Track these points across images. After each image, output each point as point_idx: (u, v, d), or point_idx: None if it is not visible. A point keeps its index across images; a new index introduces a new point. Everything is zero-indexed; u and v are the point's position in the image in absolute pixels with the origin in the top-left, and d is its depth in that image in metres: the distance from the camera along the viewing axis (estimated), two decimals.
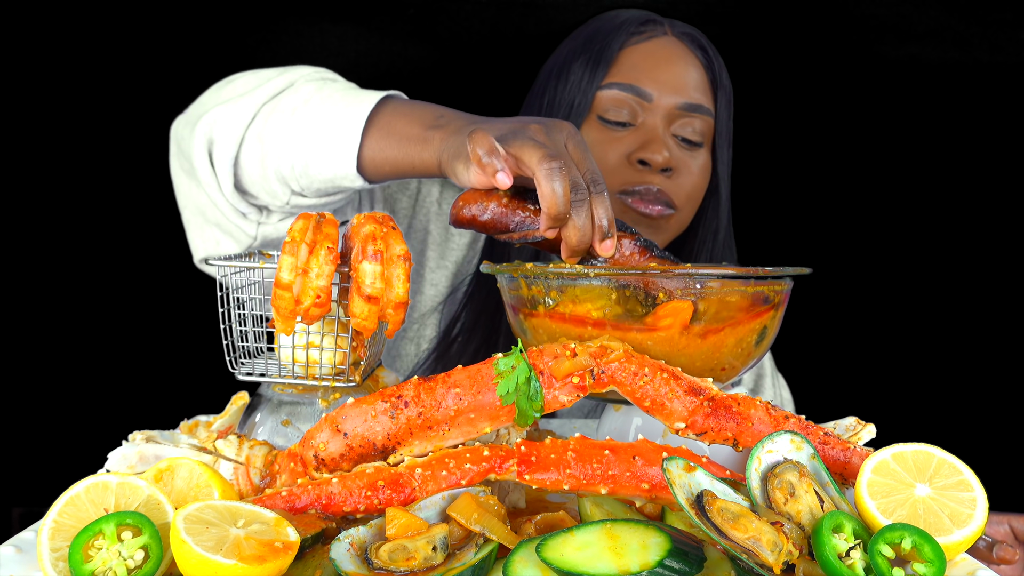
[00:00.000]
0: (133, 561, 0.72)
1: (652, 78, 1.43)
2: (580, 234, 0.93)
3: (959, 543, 0.76)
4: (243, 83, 1.26)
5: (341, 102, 1.15)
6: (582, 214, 0.92)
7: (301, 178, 1.17)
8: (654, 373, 0.87)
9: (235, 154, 1.20)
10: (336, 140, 1.12)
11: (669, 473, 0.75)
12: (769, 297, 0.97)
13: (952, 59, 2.62)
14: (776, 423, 0.86)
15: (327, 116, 1.14)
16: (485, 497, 0.81)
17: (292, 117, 1.16)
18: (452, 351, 1.47)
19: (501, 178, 0.92)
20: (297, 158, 1.15)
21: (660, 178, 1.41)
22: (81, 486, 0.78)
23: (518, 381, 0.86)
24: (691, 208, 1.48)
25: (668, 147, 1.41)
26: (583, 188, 0.92)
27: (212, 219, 1.28)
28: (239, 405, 1.04)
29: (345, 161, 1.13)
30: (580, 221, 0.92)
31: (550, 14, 2.40)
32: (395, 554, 0.74)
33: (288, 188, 1.20)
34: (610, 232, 0.94)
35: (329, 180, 1.16)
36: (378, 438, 0.87)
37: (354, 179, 1.14)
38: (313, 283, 0.90)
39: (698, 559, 0.71)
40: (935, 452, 0.80)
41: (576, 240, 0.93)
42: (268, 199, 1.23)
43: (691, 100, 1.44)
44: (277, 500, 0.83)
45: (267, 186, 1.21)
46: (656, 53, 1.45)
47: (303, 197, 1.21)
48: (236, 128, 1.19)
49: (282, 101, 1.19)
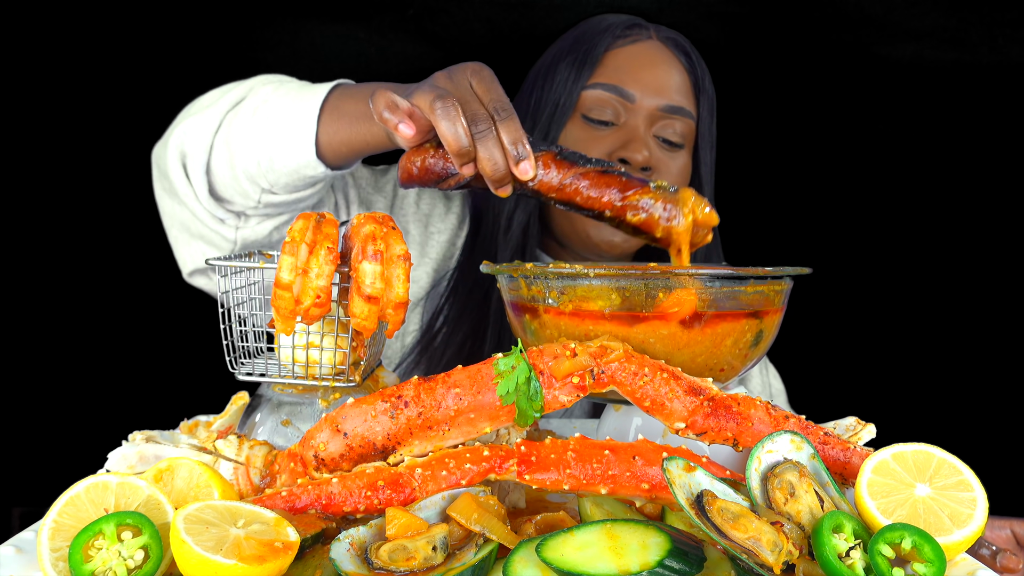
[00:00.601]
0: (133, 561, 0.72)
1: (635, 79, 1.47)
2: (492, 164, 0.95)
3: (959, 543, 0.76)
4: (208, 97, 1.32)
5: (297, 95, 1.21)
6: (488, 144, 0.94)
7: (268, 173, 1.22)
8: (654, 373, 0.87)
9: (206, 161, 1.27)
10: (294, 129, 1.18)
11: (669, 473, 0.75)
12: (768, 295, 0.97)
13: (952, 59, 2.62)
14: (776, 423, 0.86)
15: (285, 109, 1.20)
16: (485, 497, 0.81)
17: (253, 117, 1.22)
18: (436, 343, 1.50)
19: (403, 128, 0.96)
20: (262, 154, 1.21)
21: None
22: (81, 486, 0.78)
23: (518, 381, 0.86)
24: None
25: (648, 147, 1.45)
26: (484, 118, 0.94)
27: (196, 232, 1.34)
28: (239, 405, 1.04)
29: (305, 148, 1.18)
30: (487, 152, 0.94)
31: (550, 14, 2.40)
32: (395, 554, 0.74)
33: (258, 186, 1.25)
34: (522, 154, 0.95)
35: (294, 171, 1.21)
36: (378, 438, 0.87)
37: (316, 165, 1.20)
38: (313, 283, 0.90)
39: (698, 559, 0.71)
40: (935, 452, 0.80)
41: (490, 170, 0.95)
42: (241, 201, 1.28)
43: (672, 102, 1.48)
44: (277, 500, 0.83)
45: (238, 187, 1.26)
46: (640, 56, 1.49)
47: (273, 194, 1.26)
48: (204, 136, 1.26)
49: (244, 105, 1.25)
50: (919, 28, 2.59)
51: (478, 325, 1.49)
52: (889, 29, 2.61)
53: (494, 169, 0.95)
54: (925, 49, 2.61)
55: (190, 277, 1.42)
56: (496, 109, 0.96)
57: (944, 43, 2.60)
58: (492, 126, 0.95)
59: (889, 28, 2.60)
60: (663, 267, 0.96)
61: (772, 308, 0.98)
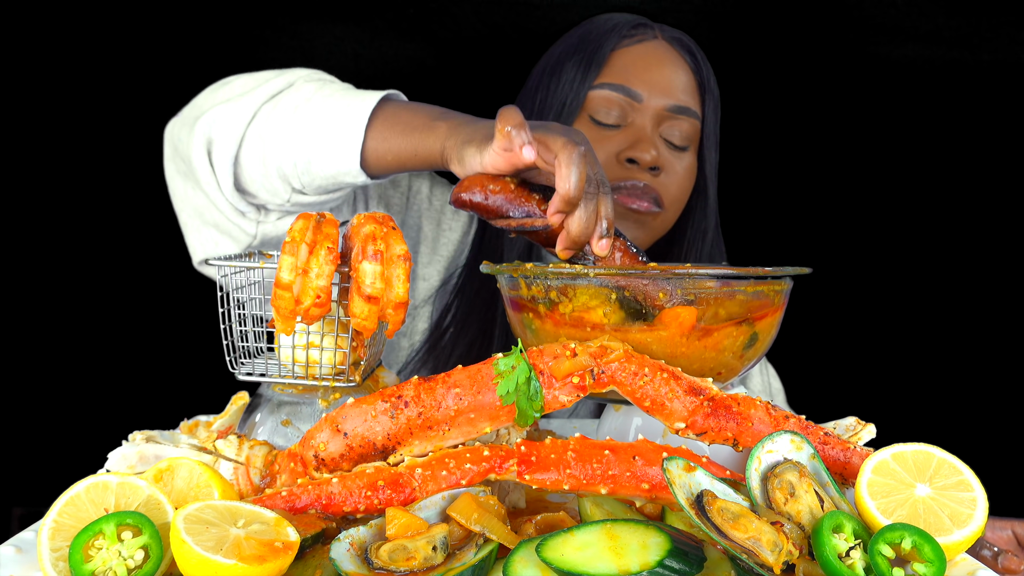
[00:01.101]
0: (133, 561, 0.72)
1: (642, 80, 1.46)
2: (583, 225, 0.95)
3: (959, 543, 0.76)
4: (241, 84, 1.26)
5: (343, 100, 1.16)
6: (590, 207, 0.95)
7: (303, 175, 1.18)
8: (654, 373, 0.87)
9: (235, 153, 1.21)
10: (340, 135, 1.14)
11: (669, 473, 0.75)
12: (767, 295, 0.97)
13: (952, 59, 2.62)
14: (776, 423, 0.86)
15: (330, 112, 1.16)
16: (485, 497, 0.81)
17: (294, 115, 1.18)
18: (444, 341, 1.49)
19: (527, 151, 0.94)
20: (300, 155, 1.17)
21: (648, 176, 1.45)
22: (81, 486, 0.78)
23: (518, 381, 0.86)
24: (676, 209, 1.51)
25: (656, 147, 1.45)
26: (597, 184, 0.95)
27: (210, 220, 1.29)
28: (239, 405, 1.04)
29: (349, 156, 1.14)
30: (586, 213, 0.94)
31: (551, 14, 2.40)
32: (395, 554, 0.74)
33: (289, 186, 1.21)
34: (608, 232, 0.96)
35: (332, 176, 1.17)
36: (378, 438, 0.87)
37: (357, 174, 1.16)
38: (313, 283, 0.90)
39: (698, 559, 0.71)
40: (935, 452, 0.80)
41: (578, 231, 0.95)
42: (268, 197, 1.24)
43: (679, 102, 1.47)
44: (277, 500, 0.83)
45: (268, 184, 1.22)
46: (646, 56, 1.49)
47: (303, 195, 1.22)
48: (236, 127, 1.20)
49: (283, 100, 1.20)
50: (919, 28, 2.59)
51: (486, 325, 1.48)
52: (889, 29, 2.61)
53: (582, 232, 0.95)
54: (925, 49, 2.61)
55: (199, 265, 1.37)
56: (603, 181, 0.96)
57: (944, 43, 2.60)
58: (598, 193, 0.96)
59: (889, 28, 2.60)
60: (663, 267, 0.96)
61: (771, 308, 0.98)
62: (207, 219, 1.30)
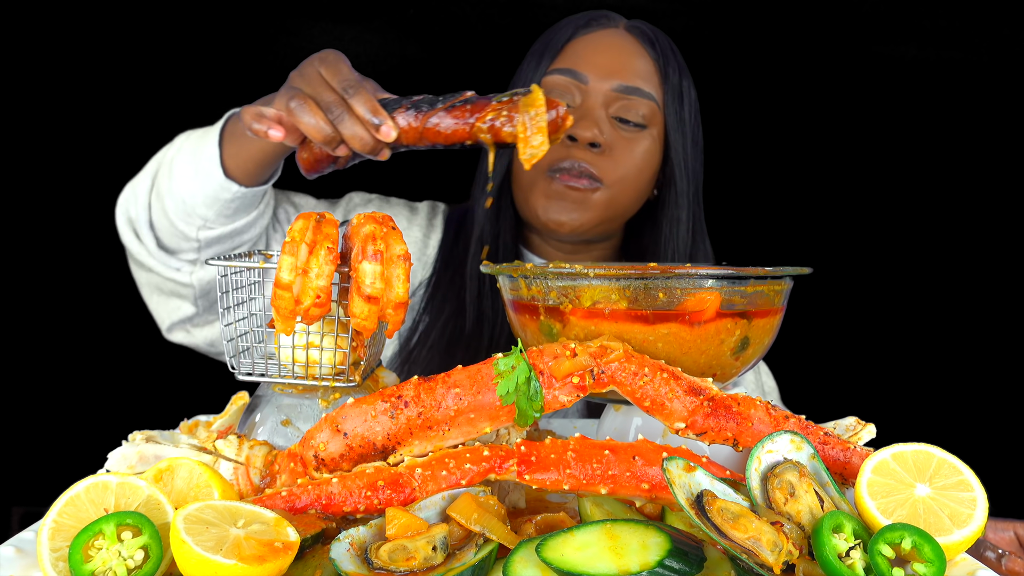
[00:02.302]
0: (133, 561, 0.72)
1: (590, 63, 1.50)
2: (358, 139, 1.00)
3: (959, 543, 0.76)
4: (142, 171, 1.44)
5: (202, 133, 1.35)
6: (347, 123, 1.00)
7: (195, 208, 1.33)
8: (654, 373, 0.87)
9: (148, 218, 1.39)
10: (203, 159, 1.31)
11: (669, 473, 0.75)
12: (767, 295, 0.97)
13: (952, 59, 2.62)
14: (776, 423, 0.86)
15: (193, 147, 1.33)
16: (485, 497, 0.81)
17: (172, 165, 1.35)
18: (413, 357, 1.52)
19: (272, 134, 1.03)
20: (184, 190, 1.33)
21: (588, 154, 1.47)
22: (81, 486, 0.78)
23: (518, 381, 0.86)
24: (624, 188, 1.51)
25: (599, 125, 1.47)
26: (337, 102, 1.00)
27: (166, 289, 1.45)
28: (239, 405, 1.04)
29: (214, 173, 1.30)
30: (349, 130, 1.00)
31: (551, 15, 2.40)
32: (395, 554, 0.74)
33: (191, 225, 1.35)
34: (380, 121, 0.99)
35: (213, 196, 1.32)
36: (378, 438, 0.87)
37: (228, 186, 1.30)
38: (313, 283, 0.90)
39: (698, 559, 0.71)
40: (935, 452, 0.80)
41: (359, 145, 1.00)
42: (184, 245, 1.38)
43: (626, 82, 1.49)
44: (277, 500, 0.83)
45: (176, 231, 1.37)
46: (598, 42, 1.52)
47: (210, 229, 1.36)
48: (142, 197, 1.39)
49: (166, 160, 1.38)
50: (919, 28, 2.59)
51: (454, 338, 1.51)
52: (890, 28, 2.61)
53: (362, 143, 1.00)
54: (925, 49, 2.61)
55: (168, 333, 1.52)
56: (345, 88, 1.01)
57: (944, 43, 2.60)
58: (345, 106, 1.00)
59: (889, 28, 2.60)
60: (663, 267, 0.96)
61: (771, 308, 0.98)
62: (163, 289, 1.45)
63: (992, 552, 0.89)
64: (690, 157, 1.56)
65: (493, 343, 1.49)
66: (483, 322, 1.51)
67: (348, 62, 1.05)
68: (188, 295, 1.44)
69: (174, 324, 1.49)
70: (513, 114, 0.98)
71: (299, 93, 1.02)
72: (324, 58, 1.05)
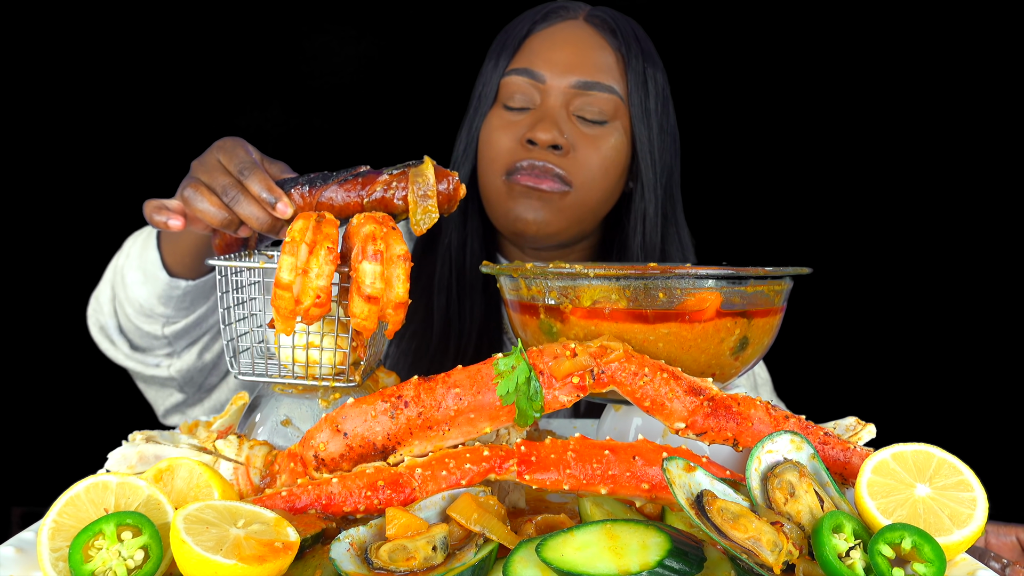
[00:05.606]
0: (133, 561, 0.72)
1: (547, 60, 1.45)
2: (254, 219, 1.01)
3: (959, 543, 0.76)
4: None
5: (144, 237, 1.39)
6: (242, 205, 1.00)
7: (154, 309, 1.37)
8: (654, 373, 0.87)
9: (116, 324, 1.43)
10: (147, 263, 1.35)
11: (669, 473, 0.75)
12: (767, 295, 0.97)
13: (952, 59, 2.62)
14: (776, 423, 0.86)
15: (138, 253, 1.38)
16: (485, 497, 0.81)
17: (123, 274, 1.40)
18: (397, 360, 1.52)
19: (172, 223, 1.05)
20: (139, 294, 1.37)
21: (551, 156, 1.42)
22: (81, 486, 0.78)
23: (518, 381, 0.86)
24: (593, 188, 1.46)
25: (560, 126, 1.42)
26: (232, 184, 1.01)
27: (153, 383, 1.49)
28: (239, 405, 1.03)
29: (159, 275, 1.34)
30: (244, 210, 1.00)
31: None
32: (395, 554, 0.74)
33: (155, 324, 1.39)
34: (274, 199, 0.99)
35: (165, 295, 1.36)
36: (378, 438, 0.87)
37: (175, 283, 1.34)
38: (313, 283, 0.90)
39: (698, 559, 0.71)
40: (935, 452, 0.80)
41: (256, 224, 1.01)
42: (155, 343, 1.42)
43: (585, 78, 1.44)
44: (277, 500, 0.83)
45: (143, 332, 1.41)
46: (555, 36, 1.48)
47: (173, 324, 1.40)
48: (106, 305, 1.44)
49: (117, 269, 1.42)
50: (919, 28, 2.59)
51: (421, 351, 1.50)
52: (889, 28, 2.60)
53: (259, 222, 1.01)
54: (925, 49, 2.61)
55: (164, 418, 1.55)
56: (240, 170, 1.02)
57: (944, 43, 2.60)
58: (240, 188, 1.01)
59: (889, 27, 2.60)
60: (663, 267, 0.96)
61: (770, 308, 0.98)
62: (143, 380, 1.49)
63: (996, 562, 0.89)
64: (657, 148, 1.50)
65: (460, 354, 1.46)
66: (449, 334, 1.49)
67: (247, 146, 1.06)
68: (173, 385, 1.48)
69: (168, 410, 1.53)
70: (402, 185, 0.99)
71: (194, 181, 1.03)
72: (222, 145, 1.06)
